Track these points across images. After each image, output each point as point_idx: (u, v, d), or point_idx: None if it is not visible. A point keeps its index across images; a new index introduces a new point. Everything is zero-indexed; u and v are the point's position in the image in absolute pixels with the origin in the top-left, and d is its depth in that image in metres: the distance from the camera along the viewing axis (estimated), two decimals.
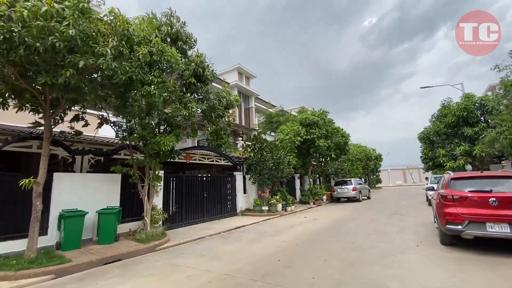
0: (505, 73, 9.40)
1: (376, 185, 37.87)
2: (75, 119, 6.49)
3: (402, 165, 52.16)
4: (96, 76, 5.38)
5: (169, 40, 7.47)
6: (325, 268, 4.47)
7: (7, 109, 5.38)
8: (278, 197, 12.86)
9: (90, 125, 6.76)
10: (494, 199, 4.72)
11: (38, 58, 4.46)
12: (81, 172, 7.82)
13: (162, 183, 8.40)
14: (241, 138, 21.91)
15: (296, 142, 15.56)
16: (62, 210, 6.24)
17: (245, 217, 11.39)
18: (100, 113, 7.22)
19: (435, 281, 3.68)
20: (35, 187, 5.21)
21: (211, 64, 7.99)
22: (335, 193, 18.09)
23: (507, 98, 9.47)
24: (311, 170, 19.37)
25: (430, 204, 11.39)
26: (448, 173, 6.52)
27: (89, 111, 7.05)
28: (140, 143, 7.45)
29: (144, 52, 5.06)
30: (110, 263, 5.38)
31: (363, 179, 29.06)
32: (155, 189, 7.86)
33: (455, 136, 16.86)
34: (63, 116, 6.08)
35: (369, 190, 20.73)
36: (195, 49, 7.97)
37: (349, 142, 19.76)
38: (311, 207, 15.09)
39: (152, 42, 5.57)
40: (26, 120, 6.29)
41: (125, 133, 7.59)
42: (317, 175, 22.37)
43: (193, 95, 8.05)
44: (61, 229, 6.03)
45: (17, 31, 3.80)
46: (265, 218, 10.89)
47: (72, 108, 6.41)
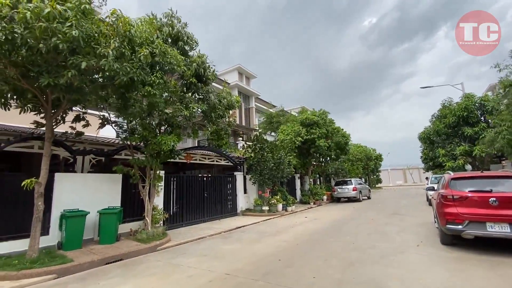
0: (505, 73, 9.40)
1: (376, 185, 37.87)
2: (77, 119, 6.52)
3: (402, 165, 52.19)
4: (98, 77, 5.41)
5: (170, 40, 7.49)
6: (326, 267, 4.48)
7: (9, 109, 5.40)
8: (278, 197, 12.88)
9: (91, 125, 6.79)
10: (494, 199, 4.74)
11: (40, 59, 4.49)
12: (82, 172, 7.85)
13: (163, 183, 8.44)
14: (241, 138, 21.93)
15: (297, 142, 15.58)
16: (64, 210, 6.26)
17: (246, 217, 11.41)
18: (102, 113, 7.24)
19: (435, 281, 3.70)
20: (37, 187, 5.23)
21: (212, 65, 8.03)
22: (335, 193, 18.10)
23: (507, 98, 9.46)
24: (311, 170, 19.39)
25: (430, 204, 11.40)
26: (448, 173, 6.53)
27: (90, 111, 7.08)
28: (141, 143, 7.48)
29: (145, 54, 5.08)
30: (112, 263, 5.40)
31: (363, 179, 29.07)
32: (156, 189, 7.88)
33: (455, 136, 16.86)
34: (64, 116, 6.11)
35: (369, 190, 20.73)
36: (197, 50, 8.01)
37: (349, 142, 19.77)
38: (311, 207, 15.11)
39: (155, 44, 5.59)
40: (27, 120, 6.31)
41: (126, 134, 7.62)
42: (318, 175, 22.39)
43: (193, 95, 8.09)
44: (62, 229, 6.05)
45: (19, 32, 3.83)
46: (266, 218, 10.91)
47: (73, 109, 6.43)
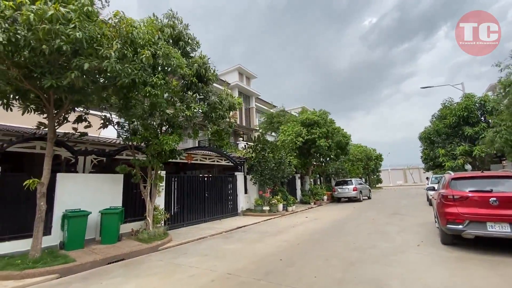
0: (506, 73, 9.36)
1: (377, 185, 37.89)
2: (79, 120, 6.55)
3: (402, 165, 52.25)
4: (99, 77, 5.43)
5: (171, 41, 7.52)
6: (327, 267, 4.51)
7: (11, 110, 5.43)
8: (279, 197, 12.90)
9: (92, 126, 6.82)
10: (495, 199, 4.76)
11: (42, 60, 4.51)
12: (83, 172, 7.88)
13: (164, 183, 8.47)
14: (241, 139, 21.97)
15: (298, 143, 15.60)
16: (66, 210, 6.28)
17: (246, 217, 11.43)
18: (103, 113, 7.28)
19: (436, 280, 3.72)
20: (39, 187, 5.26)
21: (213, 65, 8.06)
22: (335, 193, 18.13)
23: (507, 98, 9.47)
24: (311, 170, 19.41)
25: (430, 204, 11.42)
26: (449, 173, 6.55)
27: (92, 112, 7.11)
28: (143, 144, 7.51)
29: (147, 55, 5.11)
30: (114, 262, 5.43)
31: (363, 179, 29.07)
32: (157, 189, 7.90)
33: (455, 136, 16.89)
34: (66, 117, 6.14)
35: (369, 190, 20.75)
36: (199, 51, 8.04)
37: (350, 142, 19.78)
38: (312, 207, 15.13)
39: (158, 45, 5.61)
40: (29, 121, 6.35)
41: (127, 134, 7.66)
42: (318, 175, 22.41)
43: (194, 95, 8.12)
44: (64, 229, 6.08)
45: (23, 34, 3.85)
46: (266, 218, 10.93)
47: (76, 109, 6.46)
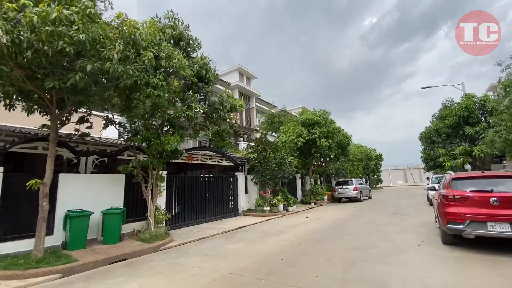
0: (507, 73, 9.34)
1: (377, 185, 37.84)
2: (81, 121, 6.58)
3: (402, 165, 52.12)
4: (101, 78, 5.45)
5: (172, 42, 7.56)
6: (328, 267, 4.53)
7: (14, 110, 5.46)
8: (279, 197, 12.92)
9: (93, 128, 6.86)
10: (495, 199, 4.78)
11: (45, 61, 4.54)
12: (85, 172, 7.92)
13: (165, 183, 8.49)
14: (242, 139, 22.00)
15: (299, 143, 15.63)
16: (68, 210, 6.31)
17: (247, 217, 11.46)
18: (105, 114, 7.31)
19: (436, 279, 3.75)
20: (41, 187, 5.29)
21: (214, 66, 8.10)
22: (336, 193, 18.14)
23: (507, 99, 9.48)
24: (312, 170, 19.43)
25: (431, 204, 11.44)
26: (449, 173, 6.57)
27: (94, 112, 7.14)
28: (144, 144, 7.55)
29: (149, 57, 5.13)
30: (116, 262, 5.46)
31: (364, 179, 29.07)
32: (159, 189, 7.93)
33: (456, 136, 16.91)
34: (69, 117, 6.17)
35: (370, 190, 20.75)
36: (200, 52, 8.08)
37: (351, 143, 19.78)
38: (312, 207, 15.15)
39: (162, 47, 5.64)
40: (30, 121, 6.38)
41: (129, 134, 7.69)
42: (318, 175, 22.42)
43: (195, 95, 8.15)
44: (66, 229, 6.11)
45: (26, 36, 3.88)
46: (267, 218, 10.96)
47: (78, 110, 6.49)
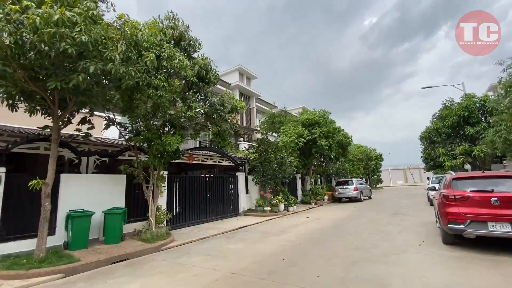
0: (508, 73, 9.32)
1: (377, 185, 37.85)
2: (83, 121, 6.60)
3: (403, 165, 52.10)
4: (103, 78, 5.48)
5: (172, 42, 7.58)
6: (329, 266, 4.55)
7: (16, 111, 5.49)
8: (280, 197, 12.95)
9: (95, 129, 6.88)
10: (496, 198, 4.80)
11: (47, 62, 4.57)
12: (86, 173, 7.94)
13: (166, 183, 8.51)
14: (242, 139, 22.04)
15: (300, 143, 15.65)
16: (69, 210, 6.34)
17: (248, 217, 11.48)
18: (107, 114, 7.33)
19: (437, 279, 3.77)
20: (44, 188, 5.31)
21: (214, 65, 8.12)
22: (336, 193, 18.16)
23: (507, 99, 9.48)
24: (312, 170, 19.45)
25: (431, 204, 11.46)
26: (450, 173, 6.58)
27: (95, 113, 7.16)
28: (145, 144, 7.57)
29: (151, 58, 5.16)
30: (117, 262, 5.48)
31: (364, 179, 29.08)
32: (160, 189, 7.95)
33: (456, 136, 16.93)
34: (71, 118, 6.19)
35: (370, 190, 20.76)
36: (200, 52, 8.11)
37: (351, 143, 19.78)
38: (312, 207, 15.17)
39: (163, 48, 5.67)
40: (32, 122, 6.40)
41: (130, 134, 7.71)
42: (319, 175, 22.43)
43: (196, 95, 8.17)
44: (68, 229, 6.14)
45: (29, 37, 3.90)
46: (268, 218, 10.98)
47: (80, 111, 6.51)
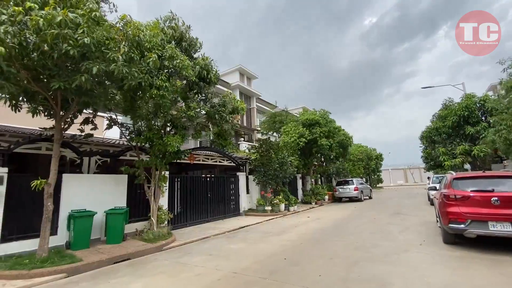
0: (508, 73, 9.31)
1: (378, 185, 37.86)
2: (85, 122, 6.63)
3: (403, 164, 52.14)
4: (105, 78, 5.50)
5: (173, 42, 7.61)
6: (330, 266, 4.57)
7: (19, 111, 5.51)
8: (281, 197, 12.97)
9: (97, 129, 6.91)
10: (496, 198, 4.81)
11: (50, 63, 4.59)
12: (88, 173, 7.97)
13: (167, 183, 8.53)
14: (242, 139, 22.07)
15: (301, 143, 15.67)
16: (71, 210, 6.36)
17: (249, 217, 11.50)
18: (109, 114, 7.36)
19: (437, 279, 3.79)
20: (46, 188, 5.33)
21: (215, 65, 8.14)
22: (337, 193, 18.18)
23: (507, 99, 9.49)
24: (313, 170, 19.46)
25: (432, 204, 11.48)
26: (450, 173, 6.60)
27: (98, 113, 7.19)
28: (147, 144, 7.60)
29: (154, 59, 5.18)
30: (119, 262, 5.51)
31: (364, 179, 29.08)
32: (161, 189, 7.98)
33: (456, 136, 16.94)
34: (73, 118, 6.22)
35: (370, 190, 20.78)
36: (201, 53, 8.14)
37: (351, 143, 19.79)
38: (313, 207, 15.19)
39: (165, 48, 5.69)
40: (34, 122, 6.42)
41: (132, 135, 7.74)
42: (319, 175, 22.45)
43: (197, 95, 8.20)
44: (70, 229, 6.16)
45: (32, 38, 3.93)
46: (269, 218, 11.00)
47: (82, 111, 6.53)
